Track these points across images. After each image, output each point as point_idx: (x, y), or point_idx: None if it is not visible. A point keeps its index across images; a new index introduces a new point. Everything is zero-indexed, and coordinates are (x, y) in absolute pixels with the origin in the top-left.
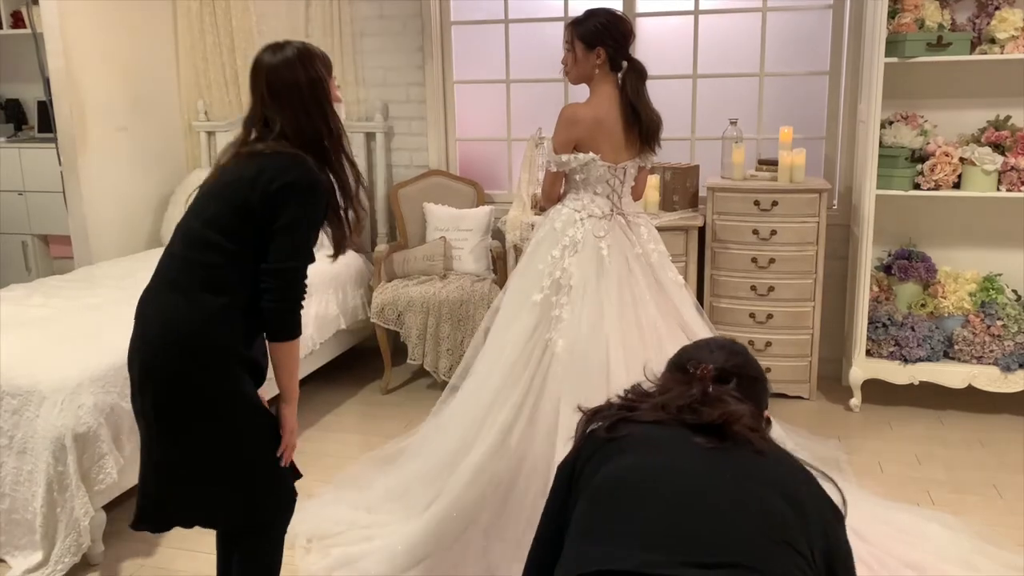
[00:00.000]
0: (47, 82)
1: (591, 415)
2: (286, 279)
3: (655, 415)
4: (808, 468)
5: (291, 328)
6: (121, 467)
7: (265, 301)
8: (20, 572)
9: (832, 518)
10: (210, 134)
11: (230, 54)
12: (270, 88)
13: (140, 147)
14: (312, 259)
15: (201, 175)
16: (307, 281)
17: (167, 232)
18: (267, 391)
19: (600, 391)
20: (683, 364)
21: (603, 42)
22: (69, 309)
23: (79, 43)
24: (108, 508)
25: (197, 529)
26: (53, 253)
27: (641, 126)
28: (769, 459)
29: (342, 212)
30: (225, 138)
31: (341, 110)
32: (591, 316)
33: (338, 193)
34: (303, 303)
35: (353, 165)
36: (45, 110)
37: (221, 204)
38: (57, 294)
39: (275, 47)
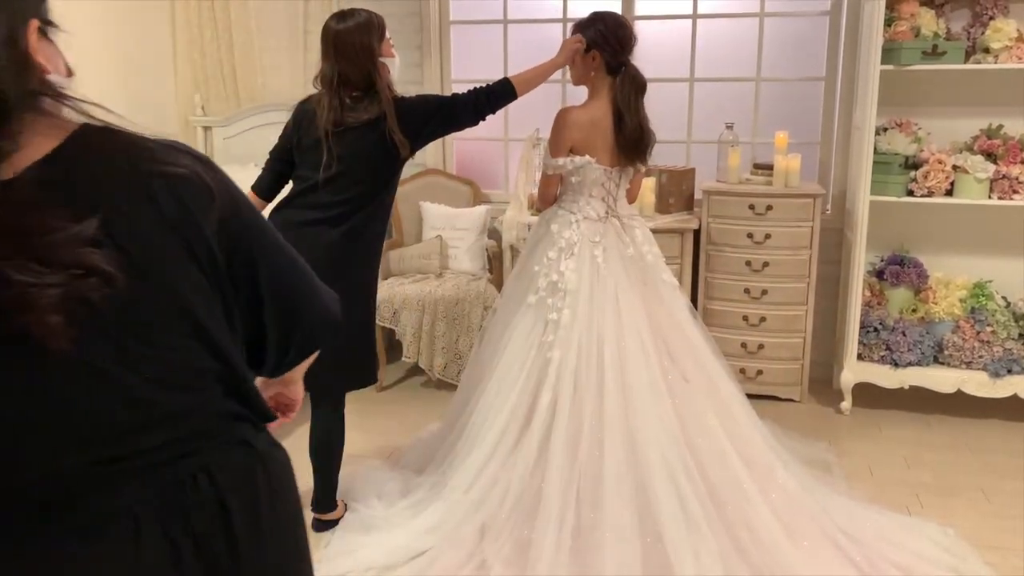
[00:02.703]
0: None
1: None
2: (476, 101)
3: None
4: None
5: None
6: None
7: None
8: None
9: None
10: (207, 129)
11: (228, 50)
12: (336, 48)
13: None
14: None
15: None
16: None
17: None
18: None
19: (595, 396)
20: None
21: (599, 46)
22: None
23: (76, 35)
24: None
25: None
26: None
27: (625, 136)
28: None
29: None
30: (222, 133)
31: (395, 64)
32: (586, 321)
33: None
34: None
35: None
36: None
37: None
38: None
39: (341, 15)
